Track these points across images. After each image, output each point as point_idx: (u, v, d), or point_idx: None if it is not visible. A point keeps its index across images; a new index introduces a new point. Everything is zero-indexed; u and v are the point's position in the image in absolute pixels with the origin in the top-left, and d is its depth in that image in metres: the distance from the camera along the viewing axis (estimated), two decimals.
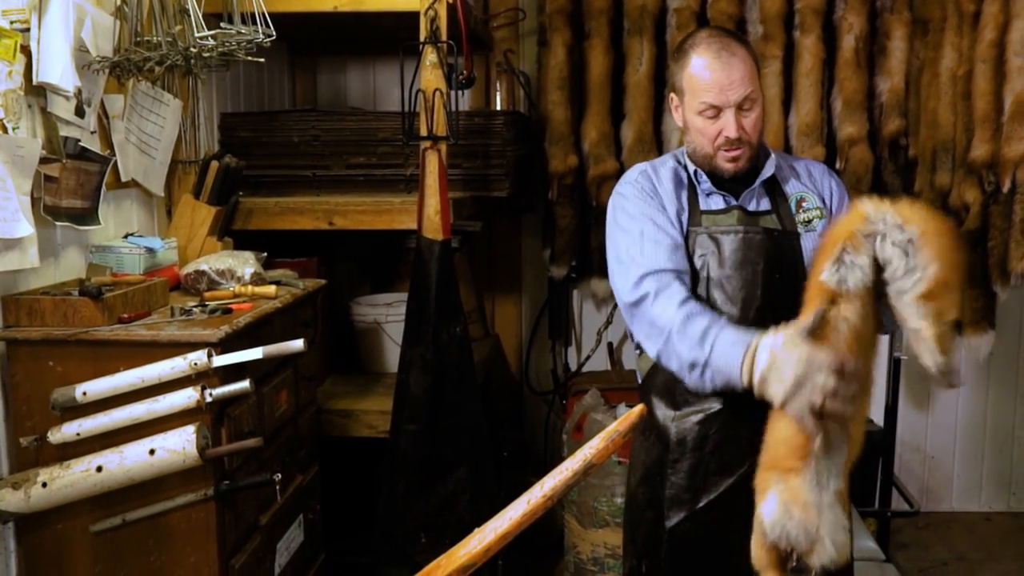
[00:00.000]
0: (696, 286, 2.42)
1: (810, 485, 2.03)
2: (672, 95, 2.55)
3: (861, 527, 3.84)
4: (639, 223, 2.46)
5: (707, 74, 2.39)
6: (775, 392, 2.06)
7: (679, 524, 2.49)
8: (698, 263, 2.43)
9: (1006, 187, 3.75)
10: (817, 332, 2.03)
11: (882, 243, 2.00)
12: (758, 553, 2.11)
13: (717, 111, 2.39)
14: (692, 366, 2.25)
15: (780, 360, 2.05)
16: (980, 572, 4.23)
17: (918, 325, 1.98)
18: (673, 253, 2.41)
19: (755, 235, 2.43)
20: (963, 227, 3.87)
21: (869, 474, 4.28)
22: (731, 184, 2.49)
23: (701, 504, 2.47)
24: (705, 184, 2.49)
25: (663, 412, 2.52)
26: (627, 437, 1.89)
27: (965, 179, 3.85)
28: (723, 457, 2.45)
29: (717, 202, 2.49)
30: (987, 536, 4.58)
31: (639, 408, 1.92)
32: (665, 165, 2.57)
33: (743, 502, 2.37)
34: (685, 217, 2.48)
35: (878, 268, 2.02)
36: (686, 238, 2.47)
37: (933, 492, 4.81)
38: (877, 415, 4.32)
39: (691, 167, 2.52)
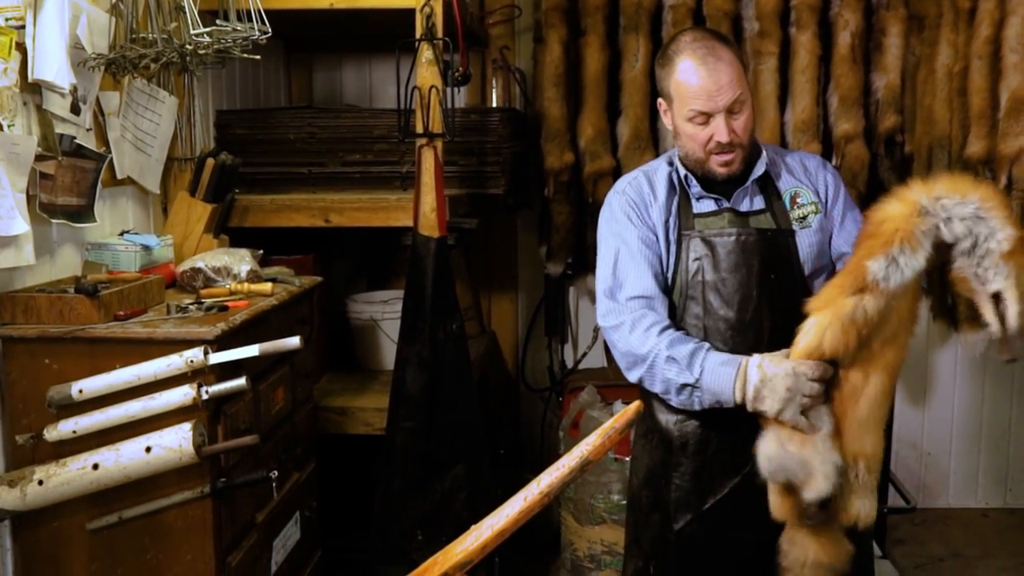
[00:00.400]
0: (691, 289, 2.44)
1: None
2: (660, 100, 2.56)
3: None
4: (615, 243, 2.53)
5: (695, 80, 2.38)
6: (769, 406, 2.19)
7: (686, 526, 2.50)
8: (692, 267, 2.44)
9: (1002, 183, 3.74)
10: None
11: (948, 224, 2.07)
12: (774, 500, 2.25)
13: (707, 117, 2.39)
14: (681, 388, 2.34)
15: (770, 375, 2.19)
16: (976, 568, 4.24)
17: (1002, 285, 2.04)
18: (646, 276, 2.47)
19: (748, 236, 2.43)
20: None
21: None
22: (724, 184, 2.49)
23: (708, 505, 2.48)
24: (695, 188, 2.49)
25: (664, 415, 2.52)
26: (623, 434, 1.89)
27: (961, 175, 3.85)
28: (727, 457, 2.45)
29: (708, 205, 2.50)
30: (983, 532, 4.58)
31: (635, 405, 1.93)
32: (660, 170, 2.57)
33: (750, 501, 2.39)
34: (676, 223, 2.49)
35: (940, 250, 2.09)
36: (679, 243, 2.47)
37: (929, 488, 4.82)
38: None
39: (682, 171, 2.52)
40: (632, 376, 2.45)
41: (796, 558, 2.25)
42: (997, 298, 2.05)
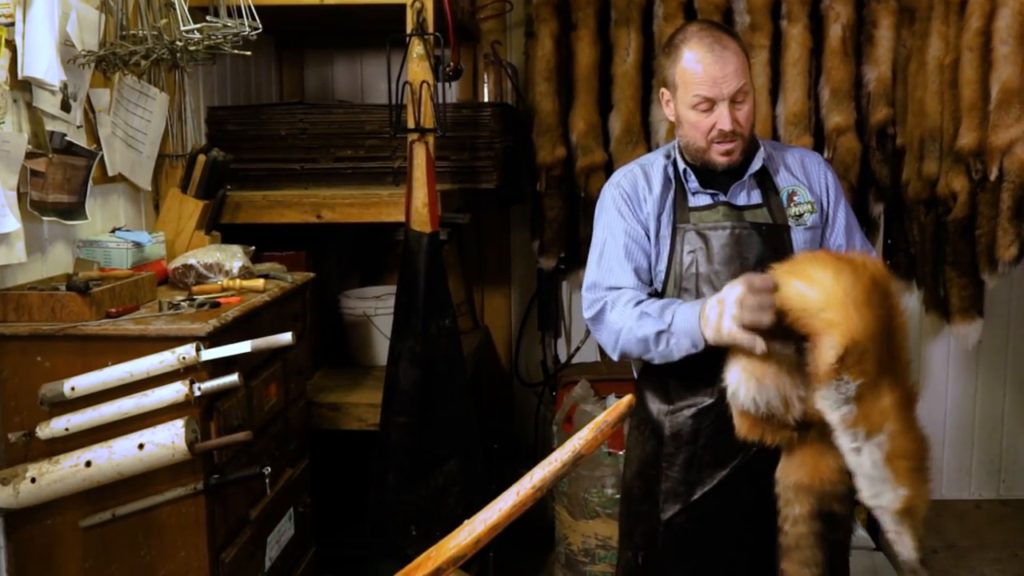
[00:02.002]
0: (686, 282, 2.46)
1: (770, 360, 2.14)
2: (663, 90, 2.56)
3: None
4: (604, 235, 2.56)
5: (700, 68, 2.40)
6: (713, 322, 2.19)
7: (675, 516, 2.51)
8: (687, 260, 2.46)
9: (993, 175, 3.75)
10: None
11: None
12: (739, 423, 2.22)
13: (711, 104, 2.41)
14: (657, 336, 2.33)
15: (730, 302, 2.14)
16: (970, 560, 4.25)
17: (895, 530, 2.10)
18: (628, 271, 2.50)
19: (743, 230, 2.45)
20: (951, 216, 3.88)
21: None
22: (721, 178, 2.50)
23: (696, 496, 2.49)
24: (692, 183, 2.51)
25: (656, 407, 2.54)
26: (616, 427, 1.90)
27: (952, 167, 3.85)
28: (717, 450, 2.47)
29: (704, 199, 2.51)
30: (977, 524, 4.59)
31: (627, 398, 1.93)
32: (656, 163, 2.59)
33: (738, 494, 2.41)
34: (671, 216, 2.50)
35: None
36: (673, 236, 2.48)
37: None
38: None
39: (680, 165, 2.53)
40: (616, 352, 2.46)
41: (783, 483, 2.25)
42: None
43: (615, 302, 2.44)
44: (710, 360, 2.34)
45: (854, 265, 2.09)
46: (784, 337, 2.11)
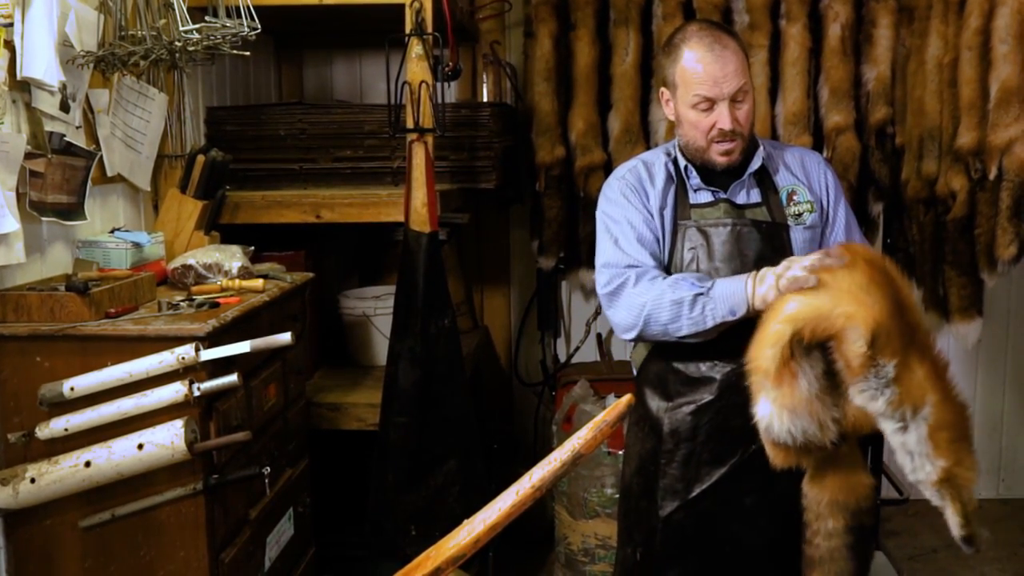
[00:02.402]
0: None
1: (800, 387, 2.11)
2: (663, 89, 2.57)
3: None
4: (613, 223, 2.54)
5: (701, 67, 2.40)
6: (770, 281, 2.21)
7: (673, 513, 2.52)
8: (687, 256, 2.46)
9: (992, 174, 3.75)
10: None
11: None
12: (773, 454, 2.19)
13: (711, 104, 2.41)
14: (694, 299, 2.32)
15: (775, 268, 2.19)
16: (970, 559, 4.24)
17: (940, 504, 2.12)
18: (644, 252, 2.49)
19: (743, 227, 2.45)
20: (950, 215, 3.88)
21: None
22: (721, 176, 2.50)
23: (694, 493, 2.50)
24: (694, 180, 2.51)
25: (656, 403, 2.55)
26: (615, 427, 1.90)
27: (952, 167, 3.85)
28: (715, 447, 2.48)
29: (705, 196, 2.51)
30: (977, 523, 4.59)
31: (627, 398, 1.94)
32: (657, 160, 2.59)
33: (736, 491, 2.42)
34: (672, 212, 2.50)
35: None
36: (674, 232, 2.49)
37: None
38: None
39: (681, 162, 2.53)
40: (636, 327, 2.43)
41: (814, 498, 2.26)
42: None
43: (640, 276, 2.43)
44: (710, 358, 2.35)
45: (868, 262, 2.11)
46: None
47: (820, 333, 2.06)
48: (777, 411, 2.10)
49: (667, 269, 2.49)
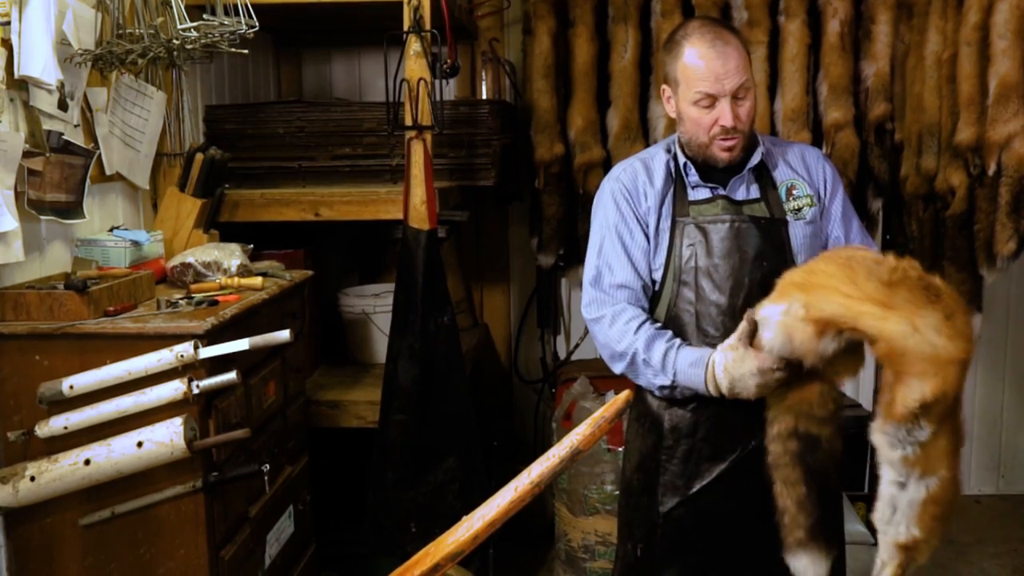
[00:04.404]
0: (684, 275, 2.46)
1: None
2: (664, 86, 2.57)
3: (850, 511, 3.86)
4: (603, 230, 2.57)
5: (702, 64, 2.40)
6: (747, 396, 2.27)
7: (673, 509, 2.53)
8: (686, 253, 2.46)
9: (991, 170, 3.75)
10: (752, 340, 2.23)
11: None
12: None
13: (713, 100, 2.41)
14: (661, 388, 2.44)
15: (738, 377, 2.25)
16: (969, 555, 4.25)
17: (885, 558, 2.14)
18: (628, 266, 2.52)
19: (742, 224, 2.46)
20: (949, 211, 3.88)
21: (858, 459, 4.29)
22: (720, 173, 2.50)
23: (694, 490, 2.50)
24: (692, 177, 2.51)
25: (656, 400, 2.56)
26: (614, 423, 1.90)
27: (951, 163, 3.85)
28: (715, 443, 2.48)
29: (703, 192, 2.51)
30: (976, 519, 4.60)
31: (625, 394, 1.94)
32: (657, 157, 2.59)
33: (736, 487, 2.42)
34: (671, 209, 2.51)
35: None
36: (673, 229, 2.49)
37: None
38: (866, 400, 4.34)
39: (681, 159, 2.53)
40: (615, 369, 2.51)
41: (772, 406, 2.27)
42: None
43: (616, 318, 2.48)
44: None
45: (958, 310, 2.07)
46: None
47: (888, 359, 2.03)
48: (783, 326, 2.12)
49: (666, 266, 2.49)
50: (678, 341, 2.41)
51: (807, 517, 2.20)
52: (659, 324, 2.47)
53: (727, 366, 2.26)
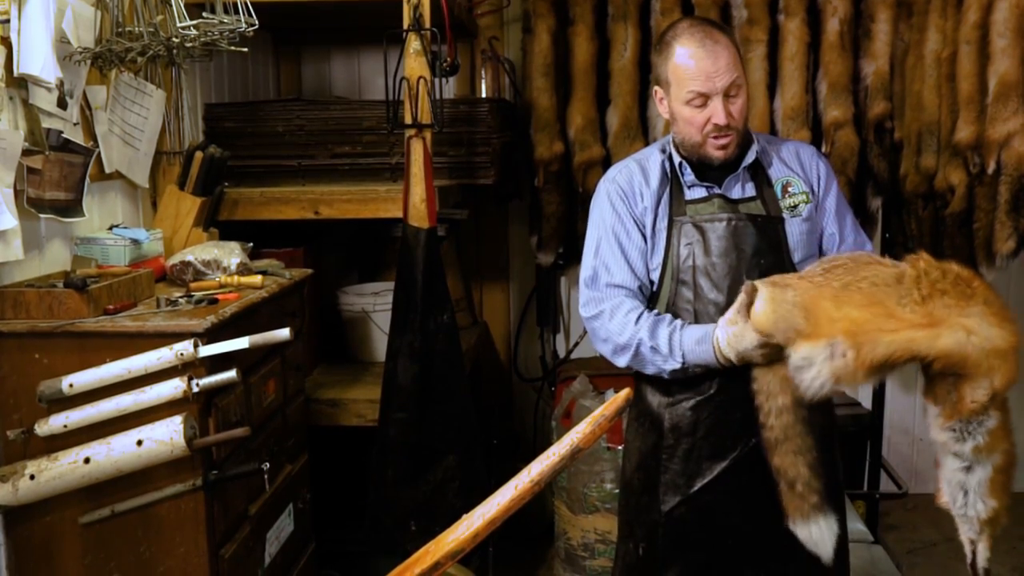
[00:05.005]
0: (682, 274, 2.46)
1: None
2: (656, 88, 2.57)
3: (850, 509, 3.86)
4: (599, 231, 2.58)
5: (693, 63, 2.41)
6: (756, 362, 2.25)
7: (674, 508, 2.53)
8: (683, 252, 2.47)
9: (991, 168, 3.75)
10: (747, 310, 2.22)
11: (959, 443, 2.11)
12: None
13: (704, 99, 2.42)
14: (674, 371, 2.41)
15: (742, 350, 2.26)
16: None
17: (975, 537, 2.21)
18: (624, 267, 2.52)
19: (739, 222, 2.46)
20: (948, 209, 3.88)
21: (858, 457, 4.29)
22: (716, 171, 2.51)
23: (695, 488, 2.50)
24: (688, 176, 2.51)
25: (656, 399, 2.55)
26: (614, 421, 1.89)
27: (950, 161, 3.85)
28: (715, 441, 2.48)
29: (699, 191, 2.52)
30: None
31: (624, 392, 1.93)
32: (652, 158, 2.60)
33: (737, 485, 2.42)
34: (668, 209, 2.51)
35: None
36: (670, 228, 2.49)
37: (922, 474, 4.83)
38: (865, 398, 4.34)
39: (676, 158, 2.53)
40: (620, 362, 2.50)
41: (764, 380, 2.25)
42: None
43: (615, 311, 2.47)
44: None
45: (988, 293, 2.10)
46: None
47: (952, 368, 2.04)
48: (832, 371, 2.09)
49: (663, 266, 2.50)
50: (679, 322, 2.41)
51: (819, 480, 2.21)
52: (657, 313, 2.48)
53: (729, 341, 2.27)
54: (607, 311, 2.48)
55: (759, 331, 2.17)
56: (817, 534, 2.20)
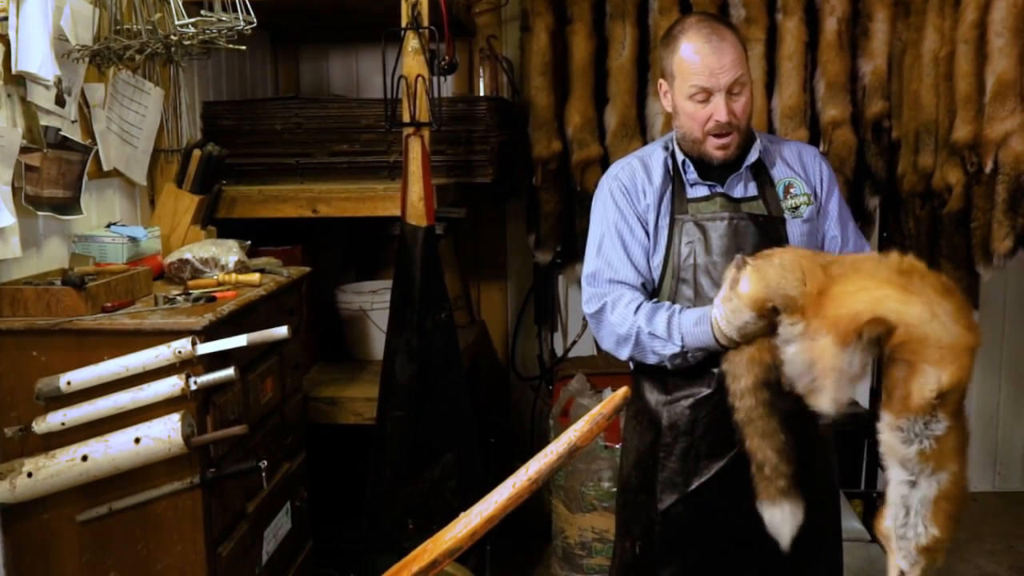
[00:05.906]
0: (683, 272, 2.47)
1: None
2: (661, 81, 2.57)
3: (847, 508, 3.87)
4: (601, 227, 2.57)
5: (698, 58, 2.41)
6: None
7: (672, 507, 2.53)
8: (685, 250, 2.47)
9: (988, 167, 3.75)
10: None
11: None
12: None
13: (707, 95, 2.42)
14: (674, 357, 2.40)
15: (739, 326, 2.21)
16: (966, 552, 4.25)
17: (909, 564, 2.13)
18: (626, 263, 2.52)
19: (740, 221, 2.46)
20: (946, 208, 3.88)
21: (855, 455, 4.30)
22: (718, 170, 2.51)
23: (693, 487, 2.50)
24: (691, 175, 2.52)
25: (654, 397, 2.55)
26: (611, 419, 1.90)
27: (948, 160, 3.86)
28: (713, 440, 2.48)
29: (701, 190, 2.52)
30: (973, 516, 4.59)
31: (623, 390, 1.94)
32: (655, 155, 2.60)
33: (735, 484, 2.41)
34: (670, 207, 2.51)
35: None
36: (671, 226, 2.49)
37: None
38: (863, 397, 4.34)
39: (679, 156, 2.54)
40: (623, 354, 2.50)
41: (734, 361, 2.26)
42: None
43: (615, 304, 2.47)
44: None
45: (965, 305, 2.07)
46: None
47: (901, 347, 2.02)
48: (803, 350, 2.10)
49: (664, 264, 2.50)
50: (678, 307, 2.41)
51: (788, 465, 2.20)
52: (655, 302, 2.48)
53: (727, 318, 2.24)
54: (609, 304, 2.48)
55: (753, 299, 2.15)
56: (779, 517, 2.21)
